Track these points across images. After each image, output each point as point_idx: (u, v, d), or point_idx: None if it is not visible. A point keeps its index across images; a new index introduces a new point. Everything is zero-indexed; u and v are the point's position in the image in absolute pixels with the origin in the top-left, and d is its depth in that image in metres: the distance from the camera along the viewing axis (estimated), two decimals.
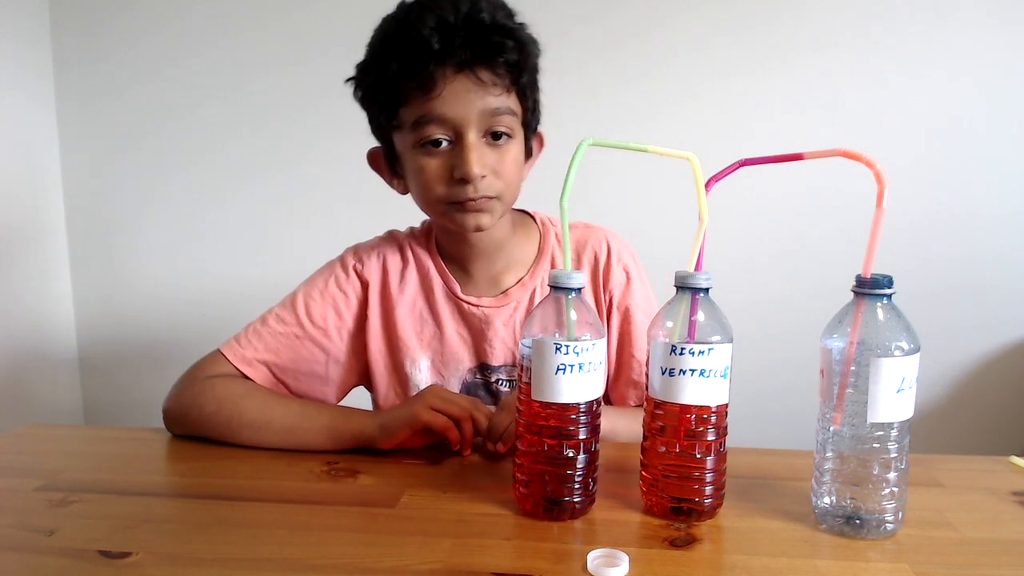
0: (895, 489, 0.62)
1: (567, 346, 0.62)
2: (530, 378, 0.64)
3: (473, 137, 0.84)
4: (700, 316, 0.64)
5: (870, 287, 0.61)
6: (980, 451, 0.95)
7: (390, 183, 0.97)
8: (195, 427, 0.87)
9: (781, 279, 1.85)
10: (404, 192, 0.95)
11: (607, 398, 1.05)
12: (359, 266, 0.99)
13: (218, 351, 0.93)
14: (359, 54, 0.92)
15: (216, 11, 1.90)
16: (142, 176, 1.99)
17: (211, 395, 0.87)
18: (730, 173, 0.67)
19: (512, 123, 0.87)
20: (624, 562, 0.56)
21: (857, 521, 0.62)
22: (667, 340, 0.64)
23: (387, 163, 0.95)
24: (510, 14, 0.87)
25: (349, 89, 1.96)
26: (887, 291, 0.61)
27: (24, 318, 1.90)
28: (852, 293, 0.62)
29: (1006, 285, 1.82)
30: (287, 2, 1.89)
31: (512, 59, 0.84)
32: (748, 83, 1.80)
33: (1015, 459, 0.82)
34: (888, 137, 1.79)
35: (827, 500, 0.64)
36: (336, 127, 1.90)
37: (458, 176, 0.84)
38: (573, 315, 0.64)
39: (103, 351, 2.07)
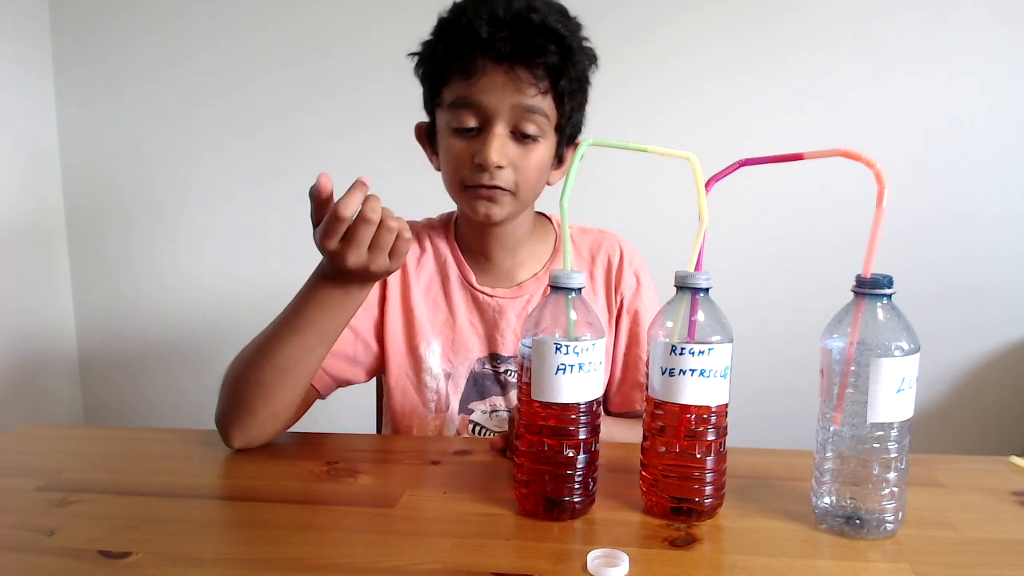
0: (895, 489, 0.62)
1: (567, 346, 0.62)
2: (530, 378, 0.64)
3: (500, 128, 0.87)
4: (700, 316, 0.64)
5: (870, 287, 0.61)
6: (980, 451, 0.95)
7: (430, 158, 0.99)
8: (234, 412, 0.83)
9: (781, 279, 1.85)
10: (438, 169, 0.97)
11: (609, 402, 1.05)
12: None
13: None
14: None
15: (216, 11, 1.90)
16: (142, 176, 1.99)
17: (226, 375, 0.85)
18: (730, 173, 0.67)
19: (543, 125, 0.89)
20: (624, 562, 0.56)
21: (857, 521, 0.62)
22: (667, 340, 0.64)
23: (428, 138, 0.98)
24: (566, 22, 0.89)
25: (350, 90, 1.97)
26: (887, 291, 0.61)
27: (24, 318, 1.90)
28: (852, 293, 0.62)
29: (1006, 285, 1.82)
30: (287, 2, 1.89)
31: (552, 62, 0.86)
32: (748, 83, 1.81)
33: (1015, 459, 0.82)
34: (888, 137, 1.79)
35: (827, 500, 0.64)
36: (336, 128, 1.91)
37: (477, 161, 0.87)
38: (573, 315, 0.64)
39: (103, 351, 2.07)
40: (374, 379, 1.15)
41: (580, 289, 0.65)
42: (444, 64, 0.88)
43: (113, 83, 1.96)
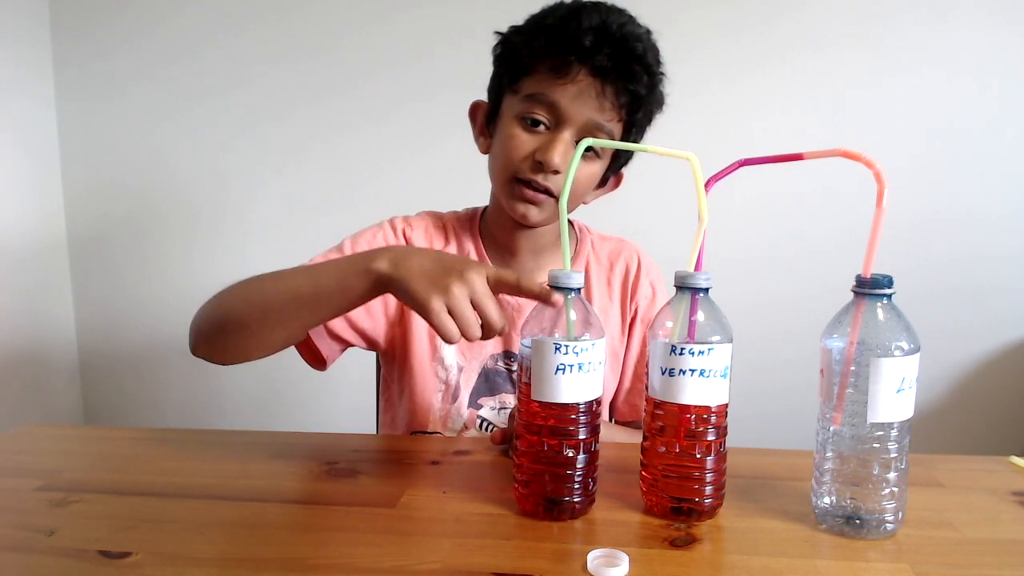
0: (895, 489, 0.62)
1: (567, 346, 0.62)
2: (530, 378, 0.64)
3: (568, 135, 0.88)
4: (700, 316, 0.64)
5: (870, 287, 0.61)
6: (980, 451, 0.95)
7: (476, 139, 1.00)
8: (214, 327, 0.84)
9: (781, 279, 1.85)
10: (485, 152, 0.98)
11: (615, 411, 1.05)
12: (409, 230, 1.01)
13: None
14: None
15: (216, 9, 1.90)
16: (142, 176, 1.99)
17: (228, 291, 0.86)
18: (730, 173, 0.67)
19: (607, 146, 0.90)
20: (624, 562, 0.56)
21: (857, 521, 0.62)
22: (667, 340, 0.64)
23: (484, 119, 0.98)
24: (660, 62, 0.91)
25: (353, 87, 1.96)
26: (887, 291, 0.61)
27: (24, 318, 1.90)
28: (852, 293, 0.62)
29: (1006, 285, 1.82)
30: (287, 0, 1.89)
31: (639, 92, 0.88)
32: (748, 83, 1.80)
33: (1015, 459, 0.82)
34: (888, 137, 1.79)
35: (827, 500, 0.64)
36: (337, 127, 1.91)
37: (539, 158, 0.88)
38: (573, 315, 0.64)
39: (103, 351, 2.07)
40: (374, 380, 1.15)
41: (579, 289, 0.65)
42: (537, 56, 0.88)
43: (114, 81, 1.96)
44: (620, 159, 0.97)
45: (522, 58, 0.90)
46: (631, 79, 0.87)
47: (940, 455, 0.83)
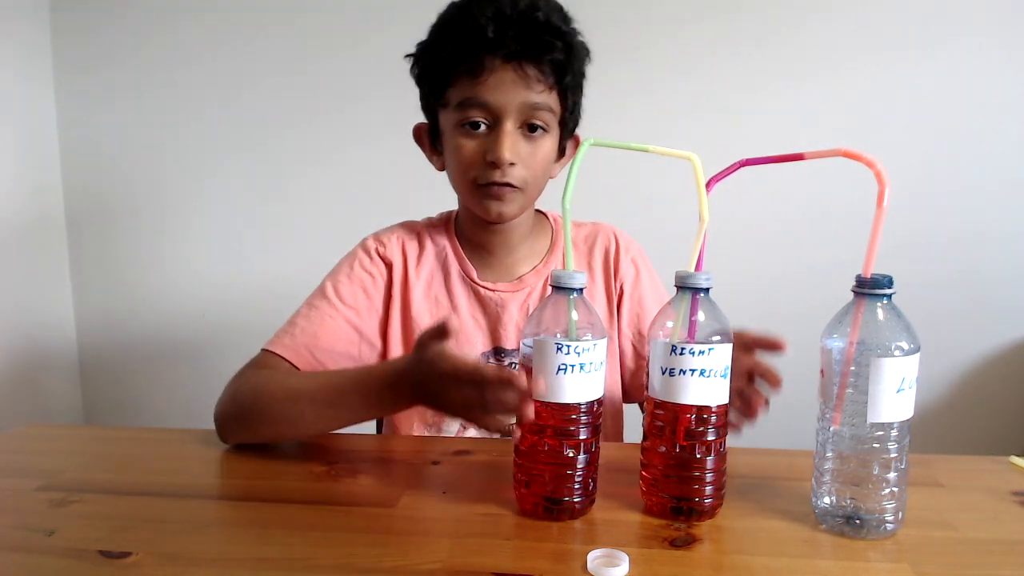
0: (895, 489, 0.62)
1: (568, 346, 0.62)
2: (531, 378, 0.64)
3: (510, 126, 0.88)
4: (700, 316, 0.64)
5: (870, 287, 0.61)
6: (980, 451, 0.95)
7: (430, 159, 1.01)
8: (238, 426, 0.85)
9: (781, 279, 1.85)
10: (441, 169, 0.98)
11: (628, 394, 1.05)
12: (382, 248, 1.01)
13: (262, 349, 0.93)
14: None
15: (218, 14, 1.90)
16: (143, 176, 1.99)
17: (248, 387, 0.85)
18: (731, 173, 0.68)
19: (549, 119, 0.91)
20: (624, 562, 0.56)
21: (857, 521, 0.62)
22: (667, 340, 0.64)
23: (429, 139, 0.99)
24: (565, 18, 0.91)
25: (349, 93, 1.96)
26: (887, 291, 0.61)
27: (24, 318, 1.90)
28: (852, 293, 0.62)
29: (1006, 285, 1.82)
30: (289, 6, 1.89)
31: (559, 59, 0.88)
32: (749, 83, 1.80)
33: (1015, 459, 0.82)
34: (888, 137, 1.79)
35: (827, 500, 0.64)
36: (337, 130, 1.91)
37: (490, 159, 0.88)
38: (575, 315, 0.64)
39: (103, 351, 2.07)
40: None
41: (582, 289, 0.65)
42: (450, 65, 0.88)
43: (114, 84, 1.96)
44: (569, 124, 0.96)
45: (438, 73, 0.91)
46: (546, 50, 0.87)
47: (940, 455, 0.83)
